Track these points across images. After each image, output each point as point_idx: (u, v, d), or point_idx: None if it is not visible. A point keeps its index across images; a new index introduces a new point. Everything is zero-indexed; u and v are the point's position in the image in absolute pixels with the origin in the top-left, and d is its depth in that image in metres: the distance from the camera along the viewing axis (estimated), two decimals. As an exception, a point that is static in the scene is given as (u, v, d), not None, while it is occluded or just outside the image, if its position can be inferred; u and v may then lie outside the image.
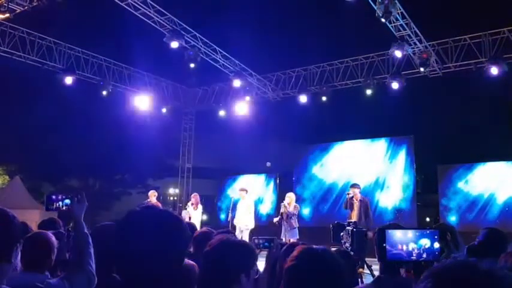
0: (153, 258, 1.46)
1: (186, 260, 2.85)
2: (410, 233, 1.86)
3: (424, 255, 1.79)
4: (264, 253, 3.01)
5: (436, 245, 1.84)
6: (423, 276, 0.93)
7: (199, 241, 3.50)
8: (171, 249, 1.50)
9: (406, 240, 1.83)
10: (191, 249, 3.63)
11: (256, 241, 3.05)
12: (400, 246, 1.81)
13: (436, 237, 1.85)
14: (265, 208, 17.16)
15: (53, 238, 3.09)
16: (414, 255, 1.80)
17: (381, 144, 15.57)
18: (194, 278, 2.58)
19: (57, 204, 2.88)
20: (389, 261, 1.80)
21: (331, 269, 1.67)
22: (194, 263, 2.79)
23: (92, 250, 2.27)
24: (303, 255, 1.72)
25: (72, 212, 2.46)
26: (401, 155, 15.00)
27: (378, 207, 14.58)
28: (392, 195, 14.86)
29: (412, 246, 1.81)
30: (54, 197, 2.88)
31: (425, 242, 1.82)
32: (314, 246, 1.80)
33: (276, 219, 11.08)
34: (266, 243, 3.07)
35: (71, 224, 3.36)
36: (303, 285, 1.63)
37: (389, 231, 1.84)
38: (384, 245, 1.82)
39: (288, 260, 1.74)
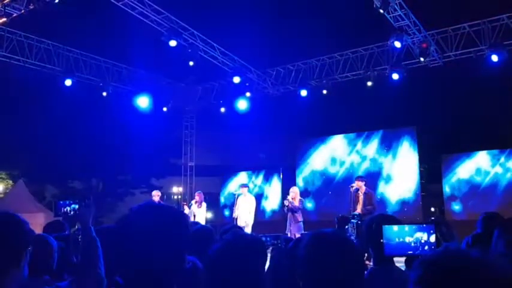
0: (153, 257, 1.44)
1: (191, 258, 2.81)
2: (406, 227, 1.86)
3: (421, 249, 1.79)
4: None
5: (432, 238, 1.84)
6: (415, 265, 0.95)
7: (198, 239, 3.44)
8: (171, 247, 1.47)
9: (402, 235, 1.82)
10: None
11: (263, 239, 3.02)
12: (397, 240, 1.81)
13: (431, 231, 1.85)
14: (269, 203, 17.16)
15: (53, 241, 3.08)
16: (411, 249, 1.80)
17: (383, 136, 15.54)
18: (199, 277, 2.55)
19: (65, 209, 2.92)
20: (386, 256, 1.80)
21: (345, 249, 1.65)
22: (196, 261, 2.75)
23: (100, 253, 2.27)
24: (316, 239, 1.69)
25: (80, 216, 2.46)
26: (405, 146, 14.97)
27: (383, 199, 14.56)
28: (397, 186, 14.85)
29: (408, 240, 1.81)
30: (62, 202, 2.94)
31: (422, 236, 1.82)
32: (322, 229, 1.77)
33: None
34: (273, 241, 3.07)
35: (76, 227, 3.37)
36: (324, 268, 1.59)
37: (386, 226, 1.84)
38: (382, 240, 1.82)
39: (301, 248, 1.70)
